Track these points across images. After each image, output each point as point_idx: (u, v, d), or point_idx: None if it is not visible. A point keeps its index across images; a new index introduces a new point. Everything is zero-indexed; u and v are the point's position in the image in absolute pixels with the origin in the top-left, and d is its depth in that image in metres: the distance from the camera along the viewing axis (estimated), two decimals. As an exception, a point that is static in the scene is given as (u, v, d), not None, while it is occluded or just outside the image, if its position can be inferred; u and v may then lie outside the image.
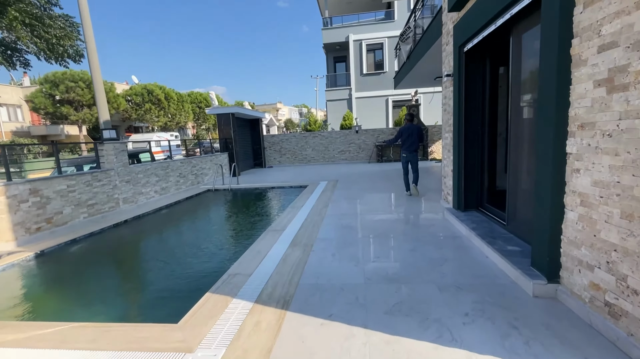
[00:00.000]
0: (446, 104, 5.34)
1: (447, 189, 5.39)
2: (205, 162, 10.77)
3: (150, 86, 30.05)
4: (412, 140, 6.45)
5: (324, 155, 15.98)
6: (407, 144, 6.50)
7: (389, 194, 7.16)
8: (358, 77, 18.67)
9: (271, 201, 8.10)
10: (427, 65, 8.23)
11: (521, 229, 3.40)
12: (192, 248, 5.06)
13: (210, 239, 5.50)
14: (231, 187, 9.53)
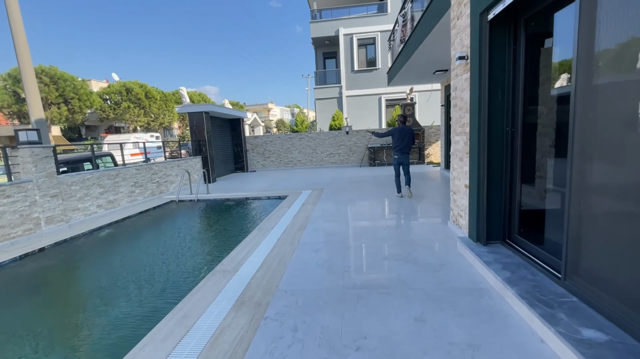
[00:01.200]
0: (457, 98, 4.04)
1: (459, 210, 4.10)
2: (171, 168, 9.33)
3: (130, 84, 28.37)
4: (404, 143, 6.34)
5: (311, 158, 14.64)
6: (400, 146, 6.38)
7: (382, 209, 5.86)
8: (349, 74, 17.39)
9: (238, 218, 6.73)
10: (427, 55, 6.96)
11: (601, 296, 2.09)
12: (122, 287, 3.68)
13: (140, 277, 4.11)
14: (197, 198, 8.13)
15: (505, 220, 3.32)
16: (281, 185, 9.64)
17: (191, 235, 5.63)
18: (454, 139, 4.21)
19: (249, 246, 4.15)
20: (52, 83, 19.92)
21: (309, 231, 4.71)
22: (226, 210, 7.36)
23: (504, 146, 3.25)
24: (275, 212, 6.05)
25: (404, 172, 6.65)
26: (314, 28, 17.47)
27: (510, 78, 3.13)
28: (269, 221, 5.38)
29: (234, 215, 6.96)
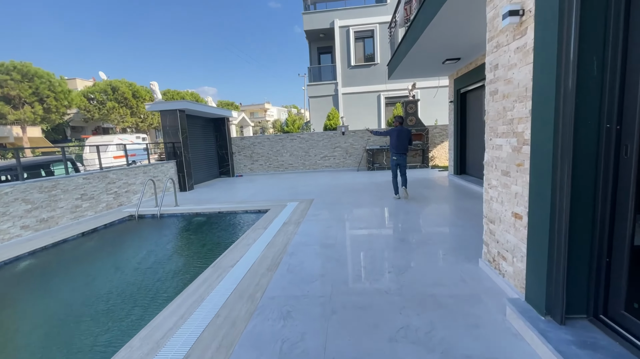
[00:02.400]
0: (499, 80, 2.68)
1: (502, 249, 2.74)
2: (135, 175, 7.94)
3: (116, 82, 26.97)
4: (402, 143, 6.38)
5: (304, 162, 13.28)
6: (398, 147, 6.39)
7: (385, 231, 4.50)
8: (345, 70, 16.04)
9: (197, 245, 5.28)
10: (437, 38, 5.61)
11: None
12: None
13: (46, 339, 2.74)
14: (161, 213, 6.75)
15: (599, 280, 1.96)
16: (266, 194, 8.27)
17: (123, 279, 4.22)
18: (492, 142, 2.85)
19: (186, 306, 2.77)
20: (26, 80, 18.46)
21: (282, 273, 3.34)
22: (189, 230, 5.98)
23: (601, 155, 1.88)
24: (246, 236, 4.68)
25: (401, 173, 6.61)
26: (308, 20, 16.12)
27: (617, 36, 1.77)
28: (233, 253, 4.01)
29: (195, 238, 5.55)
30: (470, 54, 6.81)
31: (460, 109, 8.55)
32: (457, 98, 8.58)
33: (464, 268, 3.19)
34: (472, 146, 8.34)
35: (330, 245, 4.08)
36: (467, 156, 8.65)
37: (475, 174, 8.13)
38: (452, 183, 8.30)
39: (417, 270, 3.22)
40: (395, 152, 6.41)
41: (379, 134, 6.86)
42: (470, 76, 7.61)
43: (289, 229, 4.94)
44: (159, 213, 6.72)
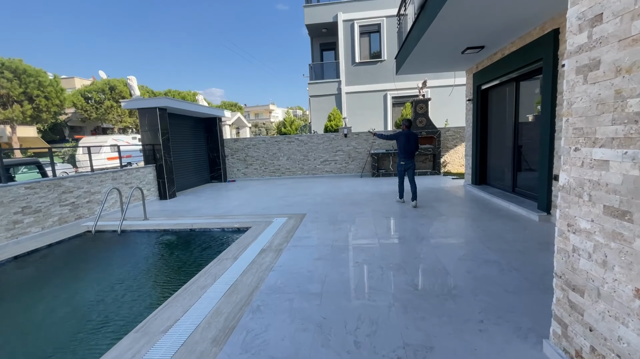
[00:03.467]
0: (604, 40, 1.47)
1: (613, 353, 1.51)
2: (101, 182, 6.87)
3: (114, 81, 26.20)
4: (411, 147, 6.18)
5: (302, 166, 12.12)
6: (406, 151, 6.17)
7: (390, 265, 3.30)
8: (349, 67, 14.87)
9: (146, 279, 4.15)
10: (459, 19, 4.43)
11: None
12: None
13: None
14: (122, 228, 5.64)
15: None
16: (254, 205, 7.13)
17: (36, 331, 3.10)
18: (582, 155, 1.64)
19: None
20: (15, 78, 17.62)
21: (232, 352, 2.17)
22: (147, 255, 4.82)
23: None
24: (207, 272, 3.53)
25: (410, 180, 6.32)
26: (309, 13, 15.00)
27: None
28: (178, 302, 2.85)
29: (148, 269, 4.36)
30: (497, 40, 5.60)
31: (481, 109, 7.31)
32: (476, 96, 7.34)
33: (520, 356, 1.98)
34: (495, 152, 7.09)
35: (315, 295, 2.89)
36: (489, 163, 7.40)
37: (499, 185, 6.87)
38: (471, 195, 7.05)
39: (443, 356, 2.03)
40: (403, 156, 6.21)
41: (384, 137, 6.54)
42: (494, 69, 6.38)
43: (265, 261, 3.77)
44: (120, 228, 5.61)
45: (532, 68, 5.25)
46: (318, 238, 4.56)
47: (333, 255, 3.85)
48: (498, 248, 3.76)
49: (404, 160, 6.20)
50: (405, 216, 5.45)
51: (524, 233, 4.30)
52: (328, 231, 4.83)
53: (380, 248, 3.99)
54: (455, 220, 5.11)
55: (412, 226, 4.87)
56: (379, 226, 4.99)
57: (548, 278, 2.94)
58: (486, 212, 5.48)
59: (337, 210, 6.20)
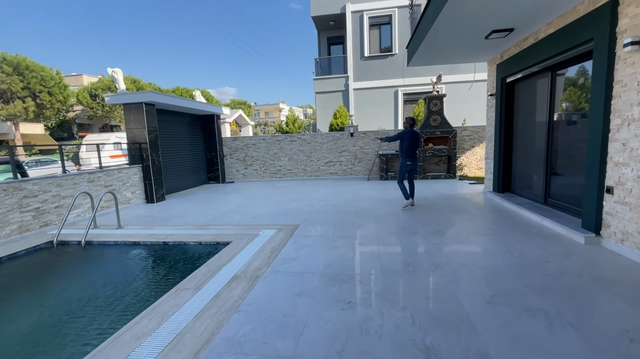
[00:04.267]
0: None
1: None
2: (74, 185, 6.19)
3: (121, 78, 25.85)
4: (415, 147, 6.03)
5: (304, 167, 11.28)
6: (411, 150, 6.00)
7: (397, 314, 2.43)
8: (357, 62, 13.93)
9: (78, 313, 3.38)
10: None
11: None
12: None
13: None
14: (88, 240, 4.91)
15: None
16: (245, 212, 6.34)
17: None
18: None
19: None
20: (17, 74, 17.34)
21: None
22: (104, 276, 4.07)
23: None
24: (154, 311, 2.72)
25: (410, 181, 6.29)
26: (315, 4, 14.12)
27: None
28: (115, 345, 2.06)
29: (88, 300, 3.59)
30: (530, 21, 4.62)
31: (506, 104, 6.31)
32: (501, 89, 6.35)
33: None
34: (522, 154, 6.09)
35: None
36: (514, 168, 6.39)
37: (527, 194, 5.87)
38: (493, 205, 6.07)
39: None
40: (408, 155, 6.03)
41: (389, 140, 6.32)
42: (523, 58, 5.39)
43: (233, 295, 2.94)
44: (84, 240, 4.88)
45: (575, 53, 4.26)
46: (307, 260, 3.70)
47: (321, 288, 2.99)
48: (539, 286, 2.83)
49: (410, 160, 6.04)
50: (416, 233, 4.54)
51: (569, 261, 3.34)
52: (320, 251, 3.97)
53: (383, 279, 3.11)
54: (477, 240, 4.17)
55: (425, 247, 3.96)
56: (382, 244, 4.10)
57: (623, 342, 2.01)
58: (515, 229, 4.51)
59: (335, 222, 5.33)
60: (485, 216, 5.31)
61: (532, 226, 4.57)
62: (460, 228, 4.70)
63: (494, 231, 4.49)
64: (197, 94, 11.21)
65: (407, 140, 5.93)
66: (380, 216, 5.59)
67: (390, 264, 3.49)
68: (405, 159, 6.03)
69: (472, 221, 5.05)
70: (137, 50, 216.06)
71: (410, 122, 6.09)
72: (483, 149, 10.21)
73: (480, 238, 4.23)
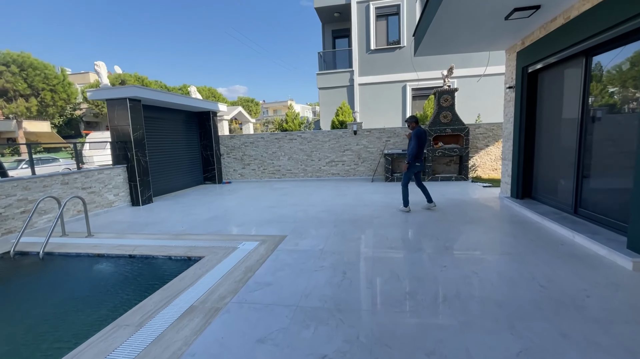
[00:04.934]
0: None
1: None
2: (44, 188, 5.67)
3: (125, 76, 25.74)
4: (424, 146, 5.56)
5: (305, 167, 10.62)
6: (421, 151, 5.55)
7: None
8: (363, 55, 13.15)
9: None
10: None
11: None
12: None
13: None
14: (44, 252, 4.35)
15: None
16: (231, 218, 5.74)
17: None
18: None
19: None
20: (20, 71, 17.16)
21: None
22: (53, 298, 3.50)
23: None
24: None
25: (419, 181, 5.88)
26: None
27: None
28: None
29: (17, 329, 3.07)
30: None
31: (528, 98, 5.49)
32: (521, 81, 5.53)
33: None
34: (546, 155, 5.28)
35: None
36: (537, 170, 5.57)
37: (552, 201, 5.06)
38: (511, 213, 5.28)
39: None
40: (420, 158, 5.57)
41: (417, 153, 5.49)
42: (550, 42, 4.57)
43: (178, 338, 2.30)
44: (42, 251, 4.33)
45: (617, 33, 3.45)
46: (283, 286, 3.04)
47: (290, 331, 2.32)
48: (581, 335, 2.09)
49: (420, 161, 5.63)
50: (421, 250, 3.82)
51: (617, 297, 2.58)
52: (302, 273, 3.30)
53: (373, 320, 2.42)
54: (494, 261, 3.42)
55: (430, 270, 3.24)
56: (378, 265, 3.40)
57: None
58: (540, 246, 3.74)
59: (328, 233, 4.65)
60: (503, 228, 4.53)
61: (561, 243, 3.79)
62: (474, 243, 3.95)
63: (515, 248, 3.73)
64: (192, 90, 10.66)
65: (424, 140, 5.51)
66: (380, 226, 4.88)
67: (385, 294, 2.78)
68: (415, 161, 5.54)
69: (487, 234, 4.29)
70: (147, 50, 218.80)
71: (414, 120, 5.64)
72: (498, 148, 9.34)
73: (497, 258, 3.48)
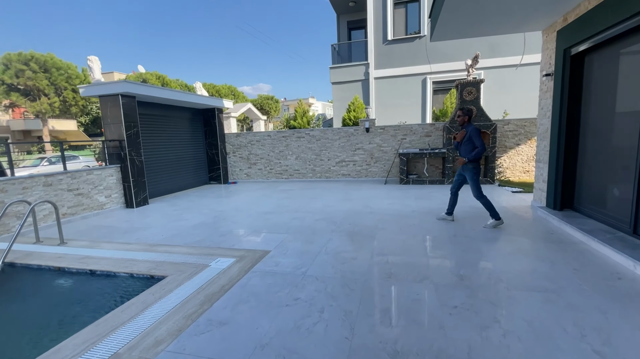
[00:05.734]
0: None
1: None
2: (23, 191, 5.34)
3: (147, 75, 26.09)
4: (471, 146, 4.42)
5: (313, 167, 9.92)
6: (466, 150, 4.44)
7: None
8: (380, 47, 12.22)
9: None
10: None
11: None
12: None
13: None
14: (3, 262, 3.94)
15: None
16: (218, 226, 5.16)
17: None
18: None
19: None
20: (42, 71, 17.64)
21: None
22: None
23: None
24: None
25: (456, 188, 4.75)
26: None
27: None
28: None
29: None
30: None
31: (570, 87, 4.48)
32: (562, 66, 4.51)
33: None
34: (594, 158, 4.26)
35: None
36: (581, 176, 4.55)
37: (600, 216, 4.05)
38: (548, 229, 4.31)
39: None
40: (477, 158, 4.44)
41: (481, 151, 4.31)
42: (605, 14, 3.58)
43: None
44: (2, 261, 3.91)
45: None
46: (240, 328, 2.36)
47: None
48: None
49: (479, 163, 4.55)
50: (427, 278, 3.01)
51: None
52: (269, 309, 2.60)
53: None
54: (524, 300, 2.56)
55: (435, 313, 2.44)
56: (366, 304, 2.64)
57: None
58: (589, 279, 2.83)
59: (318, 249, 3.93)
60: (536, 249, 3.61)
61: (618, 277, 2.86)
62: (498, 272, 3.09)
63: (553, 281, 2.83)
64: (197, 86, 10.23)
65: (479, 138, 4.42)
66: (383, 241, 4.09)
67: (367, 351, 2.03)
68: (477, 163, 4.44)
69: (516, 258, 3.40)
70: (174, 51, 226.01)
71: (470, 113, 4.50)
72: (531, 148, 8.20)
73: (528, 296, 2.62)
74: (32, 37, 68.84)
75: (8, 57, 16.76)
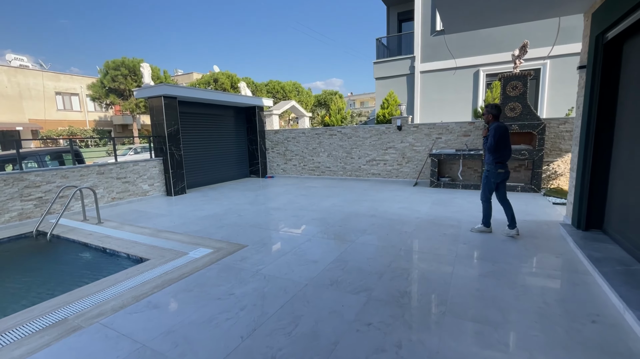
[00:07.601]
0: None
1: None
2: (81, 177, 6.52)
3: (219, 74, 28.71)
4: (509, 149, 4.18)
5: (344, 165, 9.88)
6: (506, 152, 4.13)
7: None
8: (427, 39, 11.41)
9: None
10: None
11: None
12: None
13: None
14: (51, 234, 4.94)
15: None
16: (224, 218, 5.61)
17: None
18: None
19: None
20: (132, 74, 20.86)
21: None
22: (25, 280, 3.87)
23: None
24: None
25: (502, 195, 4.23)
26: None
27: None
28: None
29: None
30: None
31: (602, 81, 3.68)
32: (595, 56, 3.72)
33: None
34: (632, 168, 3.45)
35: None
36: (612, 190, 3.73)
37: (630, 246, 3.28)
38: (568, 260, 3.64)
39: None
40: (499, 161, 4.14)
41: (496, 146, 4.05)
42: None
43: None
44: (50, 233, 4.93)
45: None
46: (166, 314, 2.64)
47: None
48: None
49: (504, 167, 4.16)
50: (365, 299, 2.88)
51: None
52: (202, 301, 2.82)
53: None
54: (459, 337, 2.30)
55: (338, 336, 2.36)
56: (281, 314, 2.66)
57: None
58: (551, 319, 2.38)
59: (291, 248, 4.01)
60: (518, 275, 3.11)
61: (592, 320, 2.34)
62: (450, 294, 2.78)
63: (504, 315, 2.45)
64: (242, 86, 10.99)
65: (505, 138, 4.08)
66: (356, 247, 3.98)
67: (244, 357, 2.10)
68: (495, 166, 4.12)
69: (483, 281, 3.00)
70: (243, 51, 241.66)
71: (495, 110, 4.16)
72: (594, 152, 6.85)
73: (460, 328, 2.33)
74: (128, 45, 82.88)
75: (106, 65, 20.47)
